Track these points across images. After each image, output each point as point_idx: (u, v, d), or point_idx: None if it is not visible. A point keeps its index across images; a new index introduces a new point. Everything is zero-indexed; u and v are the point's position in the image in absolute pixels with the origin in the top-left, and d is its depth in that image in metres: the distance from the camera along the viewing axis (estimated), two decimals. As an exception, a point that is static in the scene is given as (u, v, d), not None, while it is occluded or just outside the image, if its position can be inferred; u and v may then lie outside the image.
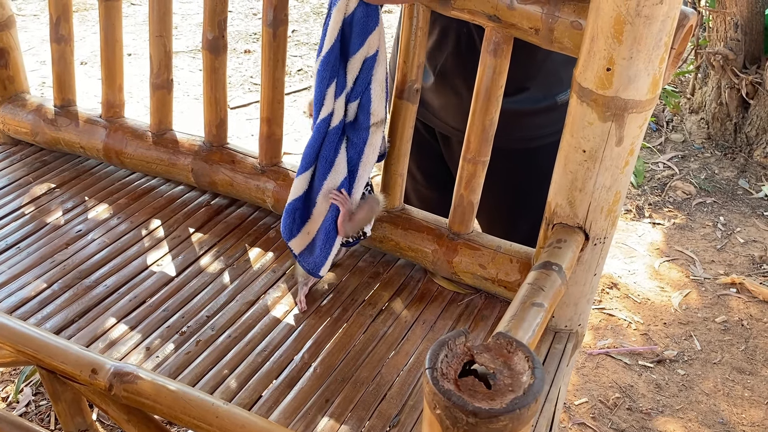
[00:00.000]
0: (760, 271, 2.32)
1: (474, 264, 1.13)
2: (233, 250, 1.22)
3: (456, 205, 1.14)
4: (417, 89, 1.11)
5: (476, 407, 0.60)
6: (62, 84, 1.40)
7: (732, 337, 2.06)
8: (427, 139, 1.35)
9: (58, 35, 1.36)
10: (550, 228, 1.00)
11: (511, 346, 0.67)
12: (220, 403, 0.88)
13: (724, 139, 3.00)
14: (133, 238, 1.24)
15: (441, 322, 1.11)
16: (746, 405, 1.86)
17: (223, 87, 1.28)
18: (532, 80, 1.17)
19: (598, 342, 2.03)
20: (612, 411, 1.83)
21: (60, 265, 1.17)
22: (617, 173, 0.92)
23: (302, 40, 3.90)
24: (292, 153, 2.84)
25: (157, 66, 1.31)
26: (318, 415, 0.94)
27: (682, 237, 2.47)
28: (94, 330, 1.05)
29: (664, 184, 2.76)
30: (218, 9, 1.21)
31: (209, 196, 1.34)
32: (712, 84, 3.01)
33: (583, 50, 0.86)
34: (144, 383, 0.89)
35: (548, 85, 1.18)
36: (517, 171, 1.27)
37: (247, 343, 1.04)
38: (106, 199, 1.33)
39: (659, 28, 0.80)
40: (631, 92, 0.84)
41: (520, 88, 1.17)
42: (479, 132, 1.06)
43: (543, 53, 1.04)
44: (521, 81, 1.16)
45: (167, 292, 1.12)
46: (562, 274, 0.89)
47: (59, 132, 1.40)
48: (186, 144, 1.33)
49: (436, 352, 0.66)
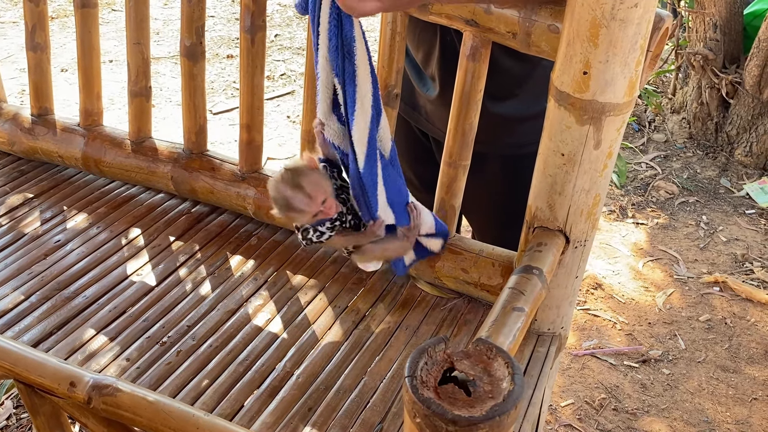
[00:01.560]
0: (743, 269, 2.34)
1: (456, 268, 1.13)
2: (214, 258, 1.21)
3: (438, 209, 1.14)
4: (397, 94, 1.10)
5: (456, 415, 0.60)
6: (39, 92, 1.39)
7: (716, 336, 2.08)
8: (423, 143, 1.35)
9: (34, 43, 1.35)
10: (531, 231, 1.00)
11: (491, 352, 0.67)
12: (201, 414, 0.87)
13: (705, 139, 3.02)
14: (113, 247, 1.22)
15: (424, 328, 1.11)
16: (730, 403, 1.87)
17: (202, 93, 1.27)
18: (522, 86, 1.17)
19: (583, 343, 2.04)
20: (598, 412, 1.83)
21: (38, 276, 1.15)
22: (596, 176, 0.92)
23: (285, 45, 3.89)
24: (276, 158, 2.82)
25: (135, 73, 1.29)
26: (300, 425, 0.93)
27: (665, 237, 2.49)
28: (73, 342, 1.04)
29: (647, 184, 2.78)
30: (196, 15, 1.20)
31: (190, 204, 1.33)
32: (692, 84, 3.04)
33: (560, 54, 0.86)
34: (123, 395, 0.88)
35: (538, 93, 1.18)
36: (507, 177, 1.27)
37: (229, 352, 1.03)
38: (85, 208, 1.31)
39: (635, 31, 0.80)
40: (608, 95, 0.84)
41: (509, 93, 1.17)
42: (459, 136, 1.06)
43: (533, 60, 1.04)
44: (511, 87, 1.16)
45: (147, 302, 1.11)
46: (543, 277, 0.89)
47: (37, 141, 1.39)
48: (165, 151, 1.32)
49: (415, 360, 0.66)
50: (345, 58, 0.93)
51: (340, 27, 0.92)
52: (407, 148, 1.31)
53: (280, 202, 0.95)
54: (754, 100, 2.79)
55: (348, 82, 0.93)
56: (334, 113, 0.98)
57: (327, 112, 0.99)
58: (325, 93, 0.98)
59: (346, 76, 0.93)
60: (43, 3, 1.33)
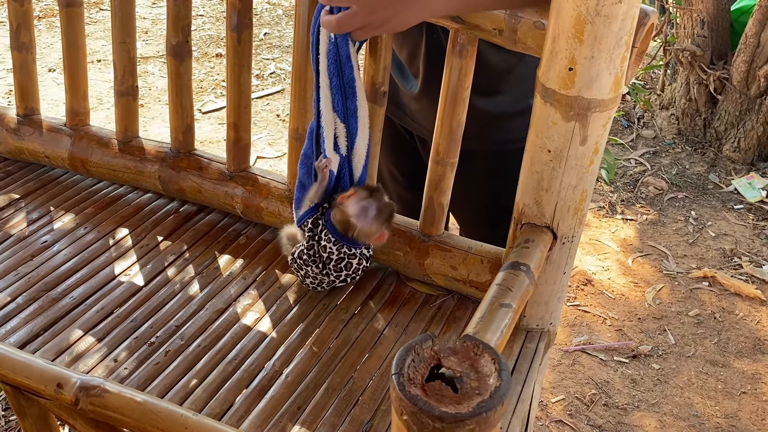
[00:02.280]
0: (731, 264, 2.35)
1: (445, 265, 1.13)
2: (203, 258, 1.20)
3: (426, 207, 1.14)
4: (384, 92, 1.10)
5: (442, 412, 0.60)
6: (24, 92, 1.38)
7: (705, 331, 2.09)
8: (408, 141, 1.35)
9: (19, 43, 1.34)
10: (519, 228, 1.00)
11: (478, 348, 0.67)
12: (189, 414, 0.86)
13: (694, 135, 3.04)
14: (100, 248, 1.22)
15: (414, 325, 1.11)
16: (719, 397, 1.88)
17: (189, 92, 1.26)
18: (506, 82, 1.17)
19: (574, 339, 2.05)
20: (588, 407, 1.84)
21: (24, 277, 1.14)
22: (582, 172, 0.92)
23: (274, 43, 3.88)
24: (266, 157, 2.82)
25: (121, 72, 1.29)
26: (290, 423, 0.93)
27: (654, 232, 2.50)
28: (60, 343, 1.03)
29: (636, 180, 2.79)
30: (182, 14, 1.20)
31: (178, 204, 1.32)
32: (681, 80, 3.05)
33: (545, 50, 0.86)
34: (111, 396, 0.88)
35: (523, 89, 1.19)
36: (494, 174, 1.27)
37: (217, 352, 1.03)
38: (72, 208, 1.30)
39: (619, 27, 0.80)
40: (593, 91, 0.84)
41: (494, 89, 1.17)
42: (447, 133, 1.06)
43: (517, 55, 1.04)
44: (496, 82, 1.16)
45: (135, 303, 1.11)
46: (530, 274, 0.89)
47: (22, 141, 1.38)
48: (153, 151, 1.31)
49: (402, 357, 0.66)
50: (346, 98, 1.00)
51: (339, 66, 0.97)
52: (392, 146, 1.31)
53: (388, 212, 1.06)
54: (741, 95, 2.81)
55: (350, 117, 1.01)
56: (335, 150, 1.04)
57: (332, 148, 1.04)
58: (329, 130, 1.02)
59: (349, 113, 1.01)
60: (27, 2, 1.32)
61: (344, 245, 1.06)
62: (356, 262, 1.08)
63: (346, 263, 1.07)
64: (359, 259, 1.08)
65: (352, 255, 1.07)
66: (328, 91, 1.00)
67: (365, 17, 0.89)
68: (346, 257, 1.07)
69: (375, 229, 1.04)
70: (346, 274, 1.09)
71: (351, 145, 1.04)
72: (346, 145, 1.04)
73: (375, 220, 1.04)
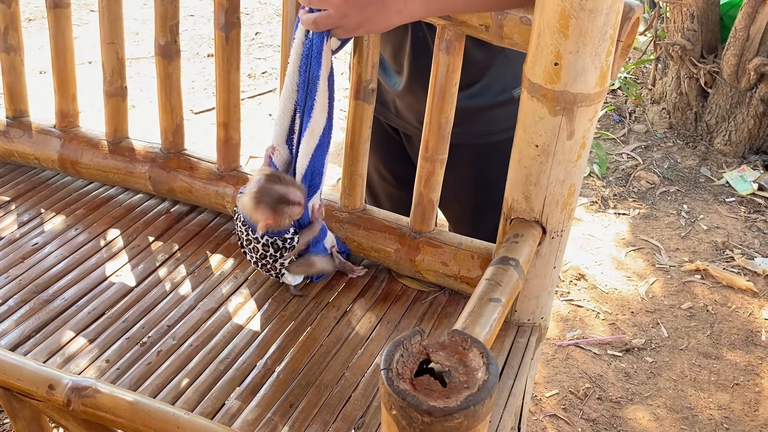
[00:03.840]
0: (723, 256, 2.36)
1: (436, 261, 1.14)
2: (194, 258, 1.20)
3: (416, 204, 1.14)
4: (372, 89, 1.11)
5: (431, 406, 0.60)
6: (13, 95, 1.38)
7: (697, 323, 2.10)
8: (394, 139, 1.35)
9: (7, 45, 1.33)
10: (508, 223, 1.01)
11: (466, 342, 0.68)
12: (181, 413, 0.87)
13: (685, 128, 3.05)
14: (92, 249, 1.21)
15: (405, 322, 1.11)
16: (713, 389, 1.89)
17: (178, 92, 1.26)
18: (486, 74, 1.18)
19: (567, 333, 2.05)
20: (582, 401, 1.85)
21: (16, 279, 1.14)
22: (570, 166, 0.92)
23: (266, 42, 3.88)
24: (258, 157, 2.82)
25: (110, 73, 1.29)
26: (282, 421, 0.93)
27: (647, 226, 2.51)
28: (52, 345, 1.03)
29: (628, 174, 2.80)
30: (169, 14, 1.20)
31: (168, 204, 1.32)
32: (671, 74, 3.06)
33: (531, 46, 0.86)
34: (103, 397, 0.88)
35: (503, 79, 1.19)
36: (478, 166, 1.28)
37: (209, 351, 1.03)
38: (63, 210, 1.30)
39: (604, 21, 0.80)
40: (579, 86, 0.85)
41: (474, 81, 1.17)
42: (435, 130, 1.07)
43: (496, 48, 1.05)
44: (476, 75, 1.17)
45: (127, 303, 1.11)
46: (519, 268, 0.90)
47: (12, 144, 1.37)
48: (142, 151, 1.31)
49: (391, 352, 0.66)
50: (308, 94, 1.01)
51: (309, 62, 0.99)
52: (379, 145, 1.31)
53: (274, 198, 1.00)
54: (732, 89, 2.82)
55: (306, 114, 1.02)
56: (287, 143, 1.06)
57: (281, 139, 1.06)
58: (284, 121, 1.05)
59: (306, 109, 1.02)
60: (15, 4, 1.32)
61: (249, 228, 1.05)
62: (261, 248, 1.05)
63: (252, 246, 1.06)
64: (264, 245, 1.05)
65: (255, 239, 1.05)
66: (292, 84, 1.02)
67: (339, 19, 0.93)
68: (252, 241, 1.06)
69: (248, 207, 1.01)
70: (256, 259, 1.08)
71: (299, 140, 1.04)
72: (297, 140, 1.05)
73: (250, 200, 1.01)
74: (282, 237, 1.04)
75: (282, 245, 1.05)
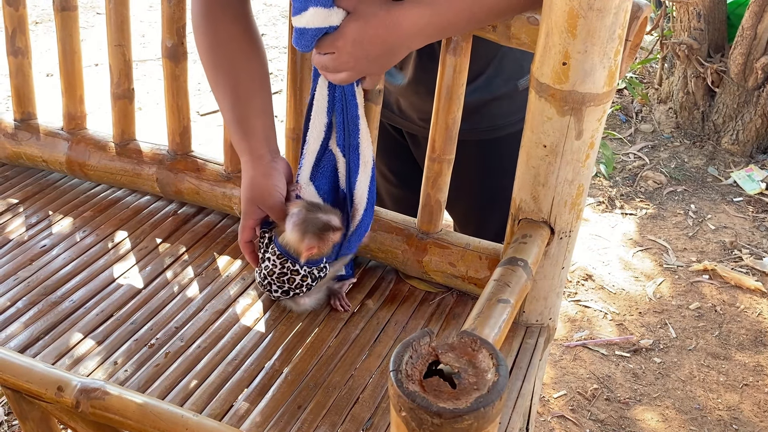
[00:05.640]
0: (731, 256, 2.35)
1: (444, 262, 1.13)
2: (201, 259, 1.20)
3: (424, 205, 1.14)
4: (380, 90, 1.10)
5: (440, 408, 0.60)
6: (21, 97, 1.38)
7: (706, 324, 2.09)
8: (397, 140, 1.35)
9: (15, 48, 1.34)
10: (516, 224, 1.00)
11: (476, 344, 0.67)
12: (190, 415, 0.87)
13: (692, 128, 3.04)
14: (99, 251, 1.22)
15: (413, 323, 1.11)
16: (721, 390, 1.88)
17: (185, 94, 1.26)
18: (487, 69, 1.18)
19: (575, 334, 2.05)
20: (590, 402, 1.84)
21: (24, 281, 1.15)
22: (579, 167, 0.92)
23: (272, 44, 3.88)
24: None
25: (117, 76, 1.29)
26: (290, 423, 0.93)
27: (654, 226, 2.50)
28: (60, 347, 1.03)
29: (635, 174, 2.79)
30: (176, 16, 1.20)
31: (176, 206, 1.32)
32: (678, 74, 3.05)
33: (539, 45, 0.86)
34: (111, 398, 0.88)
35: (507, 70, 1.19)
36: (485, 162, 1.27)
37: (217, 352, 1.03)
38: (70, 212, 1.30)
39: (612, 21, 0.80)
40: (587, 86, 0.84)
41: (476, 73, 1.17)
42: (443, 131, 1.06)
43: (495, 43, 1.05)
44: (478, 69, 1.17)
45: (135, 305, 1.11)
46: (528, 269, 0.89)
47: (20, 146, 1.38)
48: (150, 153, 1.31)
49: (400, 354, 0.66)
50: (349, 134, 1.02)
51: (345, 106, 1.01)
52: (383, 146, 1.31)
53: (319, 226, 1.00)
54: (739, 88, 2.81)
55: (352, 152, 1.04)
56: (310, 179, 1.07)
57: (307, 178, 1.06)
58: (310, 159, 1.06)
59: (351, 150, 1.03)
60: (23, 7, 1.33)
61: (288, 260, 1.03)
62: (299, 279, 1.05)
63: (288, 278, 1.05)
64: (303, 276, 1.05)
65: (294, 271, 1.04)
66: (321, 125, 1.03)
67: (357, 76, 0.96)
68: (288, 272, 1.04)
69: (294, 238, 1.01)
70: (288, 287, 1.06)
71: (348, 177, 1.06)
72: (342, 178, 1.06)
73: (295, 229, 1.00)
74: (319, 267, 1.05)
75: (318, 275, 1.06)
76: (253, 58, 1.07)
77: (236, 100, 1.06)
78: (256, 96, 1.07)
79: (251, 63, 1.06)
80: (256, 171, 1.04)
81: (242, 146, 1.06)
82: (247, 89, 1.06)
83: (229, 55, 1.05)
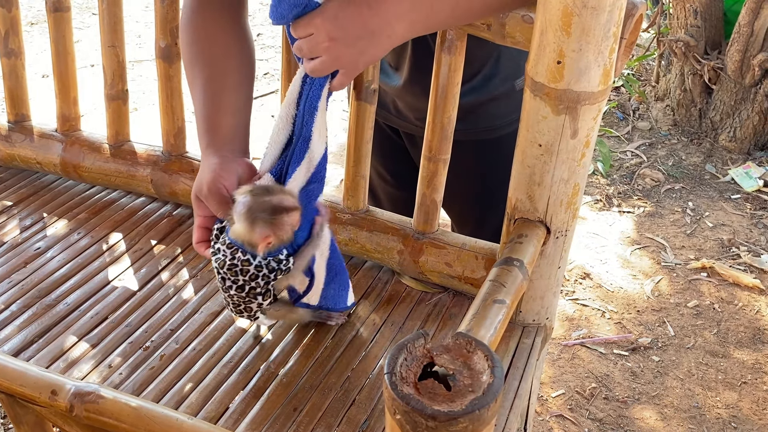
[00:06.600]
0: (729, 254, 2.35)
1: (440, 262, 1.13)
2: (197, 261, 1.20)
3: (420, 205, 1.14)
4: (374, 89, 1.10)
5: (435, 411, 0.60)
6: (15, 99, 1.37)
7: (704, 322, 2.09)
8: (394, 140, 1.35)
9: (8, 49, 1.33)
10: (512, 223, 1.00)
11: (471, 345, 0.67)
12: (185, 418, 0.86)
13: (689, 125, 3.03)
14: (94, 253, 1.21)
15: (409, 323, 1.10)
16: (720, 388, 1.88)
17: (179, 95, 1.26)
18: (483, 68, 1.17)
19: (573, 333, 2.04)
20: (589, 401, 1.84)
21: (18, 284, 1.14)
22: (574, 166, 0.92)
23: (268, 44, 3.87)
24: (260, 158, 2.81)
25: (110, 77, 1.28)
26: (286, 425, 0.93)
27: (652, 224, 2.50)
28: (55, 350, 1.02)
29: (633, 172, 2.79)
30: (169, 16, 1.19)
31: (171, 207, 1.32)
32: (675, 71, 3.05)
33: (533, 44, 0.86)
34: (106, 402, 0.87)
35: (504, 69, 1.18)
36: (483, 162, 1.27)
37: (213, 355, 1.02)
38: (65, 214, 1.30)
39: (607, 19, 0.79)
40: (582, 84, 0.84)
41: (472, 73, 1.16)
42: (438, 130, 1.06)
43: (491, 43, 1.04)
44: (474, 69, 1.16)
45: (130, 307, 1.10)
46: (524, 269, 0.89)
47: (14, 148, 1.37)
48: (144, 155, 1.31)
49: (395, 356, 0.65)
50: (304, 124, 0.95)
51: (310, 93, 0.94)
52: (379, 146, 1.31)
53: (268, 210, 0.88)
54: (736, 85, 2.80)
55: (302, 143, 0.95)
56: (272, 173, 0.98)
57: (267, 167, 0.98)
58: (274, 151, 0.98)
59: (301, 140, 0.95)
60: (15, 8, 1.32)
61: (238, 249, 0.91)
62: (253, 269, 0.91)
63: (240, 269, 0.91)
64: (257, 266, 0.91)
65: (245, 261, 0.91)
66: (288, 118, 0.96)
67: (333, 62, 0.89)
68: (239, 263, 0.91)
69: (243, 228, 0.88)
70: (243, 281, 0.92)
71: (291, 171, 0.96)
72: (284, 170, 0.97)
73: (242, 218, 0.88)
74: (276, 258, 0.93)
75: (277, 267, 0.93)
76: (233, 56, 1.02)
77: (206, 95, 1.00)
78: (229, 93, 1.00)
79: (230, 60, 1.01)
80: (203, 166, 0.97)
81: (201, 142, 0.99)
82: (220, 86, 1.00)
83: (207, 50, 1.01)
